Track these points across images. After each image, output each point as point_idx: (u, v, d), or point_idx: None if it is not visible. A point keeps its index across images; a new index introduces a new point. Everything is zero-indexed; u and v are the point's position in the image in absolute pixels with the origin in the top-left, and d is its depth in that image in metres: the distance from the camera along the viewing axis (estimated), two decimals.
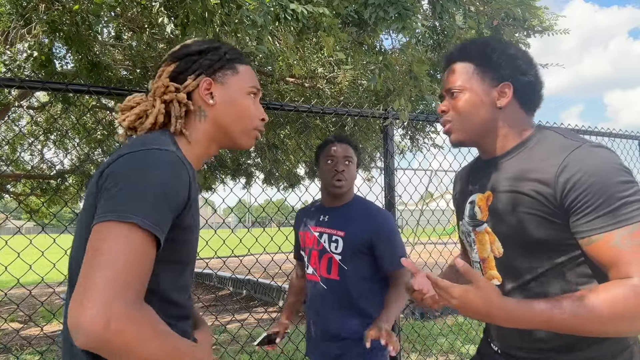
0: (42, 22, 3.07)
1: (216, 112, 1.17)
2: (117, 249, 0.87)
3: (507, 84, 1.23)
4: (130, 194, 0.92)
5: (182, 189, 1.00)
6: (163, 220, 0.94)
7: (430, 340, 5.48)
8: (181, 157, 1.03)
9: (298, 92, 5.01)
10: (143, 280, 0.91)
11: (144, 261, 0.91)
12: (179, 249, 1.06)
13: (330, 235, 2.05)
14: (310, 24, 1.62)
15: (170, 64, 1.17)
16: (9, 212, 11.60)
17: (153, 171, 0.96)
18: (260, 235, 3.17)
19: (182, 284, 1.11)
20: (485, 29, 2.37)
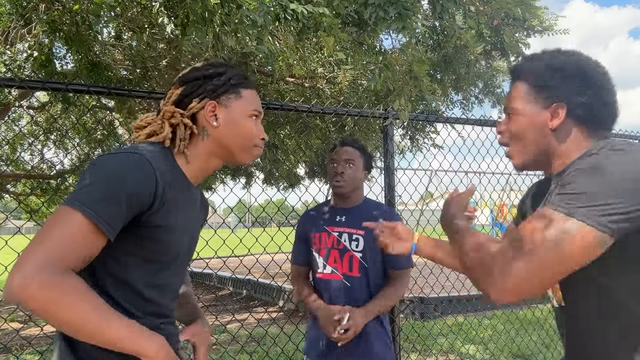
0: (42, 22, 3.07)
1: (219, 133, 1.27)
2: (56, 227, 1.01)
3: (560, 104, 1.18)
4: (86, 185, 1.06)
5: (145, 189, 1.11)
6: (111, 213, 1.05)
7: (430, 340, 5.48)
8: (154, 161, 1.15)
9: (298, 92, 5.01)
10: (76, 256, 1.02)
11: (79, 242, 1.02)
12: (150, 247, 1.17)
13: (351, 234, 2.19)
14: (310, 24, 1.62)
15: (178, 87, 1.29)
16: (9, 212, 11.59)
17: (114, 169, 1.09)
18: (260, 235, 3.17)
19: (157, 283, 1.22)
20: (485, 28, 2.37)
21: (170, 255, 1.23)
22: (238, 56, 3.59)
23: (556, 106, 1.19)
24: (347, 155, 2.20)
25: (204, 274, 11.64)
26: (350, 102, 4.52)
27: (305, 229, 2.31)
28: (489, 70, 4.03)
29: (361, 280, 2.15)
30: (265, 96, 4.83)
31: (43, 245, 0.99)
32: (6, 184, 7.36)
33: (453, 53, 3.04)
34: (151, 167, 1.12)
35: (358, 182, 2.24)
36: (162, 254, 1.21)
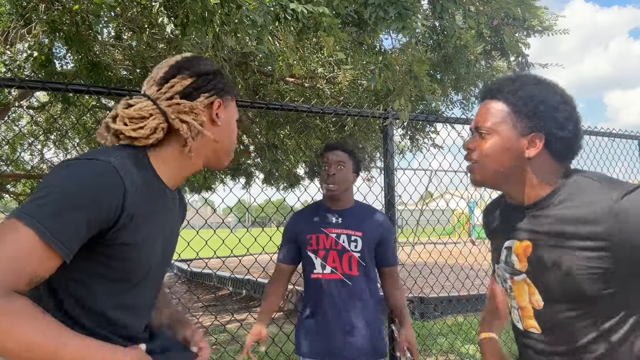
0: (42, 22, 3.07)
1: (216, 133, 1.20)
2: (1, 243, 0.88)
3: (539, 135, 1.17)
4: (40, 197, 0.93)
5: (109, 202, 0.98)
6: (66, 230, 0.92)
7: (430, 340, 5.48)
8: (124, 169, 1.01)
9: (298, 92, 5.01)
10: (21, 277, 0.89)
11: (25, 261, 0.89)
12: (116, 266, 1.04)
13: (349, 235, 2.28)
14: (310, 23, 1.62)
15: (186, 78, 1.16)
16: (8, 212, 11.59)
17: (73, 179, 0.95)
18: (259, 235, 3.17)
19: (125, 303, 1.10)
20: (485, 28, 2.37)
21: (140, 273, 1.10)
22: (238, 56, 3.59)
23: (534, 136, 1.18)
24: (338, 158, 2.28)
25: (203, 273, 11.64)
26: (350, 102, 4.51)
27: (295, 230, 2.36)
28: (489, 70, 4.03)
29: (360, 278, 2.26)
30: (265, 96, 4.83)
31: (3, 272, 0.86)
32: (6, 184, 7.35)
33: (453, 53, 3.04)
34: (118, 175, 0.99)
35: (349, 183, 2.32)
36: (131, 273, 1.08)
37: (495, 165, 1.22)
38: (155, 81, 1.16)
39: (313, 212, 2.38)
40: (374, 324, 2.27)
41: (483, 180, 1.27)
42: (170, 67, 1.17)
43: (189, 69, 1.17)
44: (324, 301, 2.25)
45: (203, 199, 9.94)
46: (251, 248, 3.25)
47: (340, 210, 2.34)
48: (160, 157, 1.14)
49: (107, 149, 1.09)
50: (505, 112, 1.21)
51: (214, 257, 4.19)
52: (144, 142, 1.11)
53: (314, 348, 2.25)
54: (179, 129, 1.11)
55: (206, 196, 8.95)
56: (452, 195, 4.50)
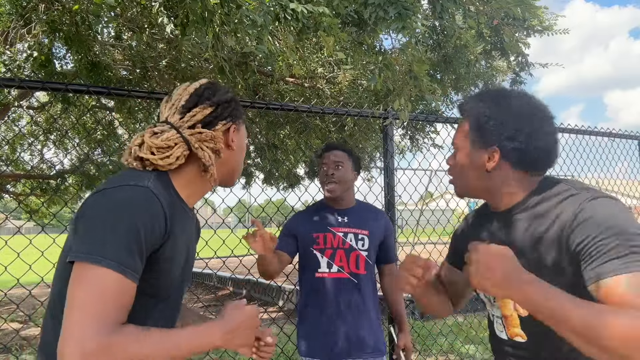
0: (41, 22, 3.07)
1: (231, 156, 1.28)
2: (90, 292, 0.96)
3: (495, 148, 1.23)
4: (100, 231, 1.00)
5: (157, 224, 1.06)
6: (134, 259, 1.01)
7: (430, 340, 5.48)
8: (157, 192, 1.08)
9: (298, 92, 5.01)
10: (120, 311, 0.99)
11: (117, 298, 0.98)
12: (151, 281, 1.10)
13: (357, 234, 2.31)
14: (310, 23, 1.62)
15: (207, 107, 1.22)
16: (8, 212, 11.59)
17: (127, 210, 1.02)
18: None
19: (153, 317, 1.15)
20: (485, 28, 2.37)
21: (169, 288, 1.19)
22: (238, 56, 3.59)
23: (491, 150, 1.23)
24: (336, 158, 2.32)
25: (203, 273, 11.65)
26: (350, 102, 4.51)
27: (298, 228, 2.35)
28: (489, 70, 4.03)
29: (367, 277, 2.30)
30: (265, 96, 4.83)
31: (86, 311, 0.95)
32: (6, 184, 7.35)
33: (453, 53, 3.03)
34: (159, 201, 1.07)
35: (349, 183, 2.34)
36: (163, 287, 1.16)
37: (464, 180, 1.30)
38: (177, 109, 1.22)
39: (317, 212, 2.38)
40: (376, 322, 2.31)
41: (462, 193, 1.35)
42: (191, 96, 1.23)
43: (210, 98, 1.24)
44: (328, 300, 2.25)
45: (203, 199, 9.95)
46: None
47: (344, 209, 2.37)
48: (181, 179, 1.21)
49: (134, 172, 1.15)
50: (466, 129, 1.29)
51: (214, 257, 4.19)
52: (168, 168, 1.18)
53: (320, 348, 2.23)
54: (202, 157, 1.18)
55: (206, 196, 8.95)
56: (452, 195, 4.49)
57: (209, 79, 1.31)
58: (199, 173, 1.22)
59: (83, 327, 0.93)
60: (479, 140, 1.25)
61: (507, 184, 1.25)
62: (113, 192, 1.05)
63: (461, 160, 1.29)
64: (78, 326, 0.93)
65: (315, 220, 2.34)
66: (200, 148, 1.19)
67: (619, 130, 4.34)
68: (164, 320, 1.20)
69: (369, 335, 2.26)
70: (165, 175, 1.17)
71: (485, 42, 2.71)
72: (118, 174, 1.15)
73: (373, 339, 2.27)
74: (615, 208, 1.08)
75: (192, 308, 1.51)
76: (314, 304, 2.28)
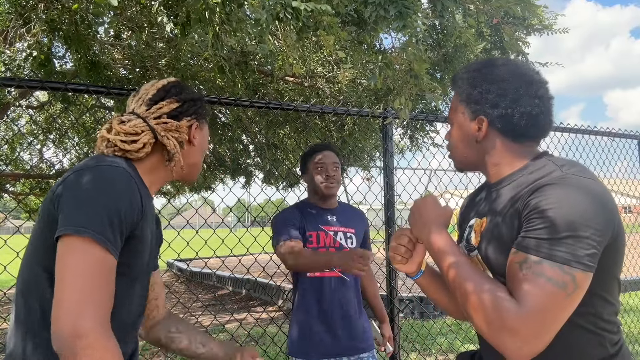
0: (41, 21, 3.06)
1: (191, 151, 1.36)
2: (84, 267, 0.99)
3: (481, 117, 1.23)
4: (88, 209, 1.03)
5: (135, 203, 1.10)
6: (116, 237, 1.05)
7: (430, 340, 5.48)
8: (131, 174, 1.14)
9: (297, 92, 5.00)
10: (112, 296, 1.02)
11: (108, 277, 1.02)
12: (131, 260, 1.15)
13: (345, 233, 2.38)
14: (311, 22, 1.61)
15: (174, 102, 1.31)
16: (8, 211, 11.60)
17: (106, 187, 1.07)
18: (259, 235, 3.16)
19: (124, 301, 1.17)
20: (484, 27, 2.37)
21: (143, 267, 1.23)
22: (237, 55, 3.58)
23: (479, 119, 1.24)
24: (333, 159, 2.40)
25: (202, 273, 11.65)
26: (349, 102, 4.51)
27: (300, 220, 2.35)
28: None
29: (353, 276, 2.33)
30: (264, 95, 4.82)
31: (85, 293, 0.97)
32: (5, 183, 7.34)
33: (453, 52, 3.03)
34: (134, 180, 1.12)
35: (340, 183, 2.44)
36: (137, 267, 1.19)
37: (460, 153, 1.32)
38: (144, 102, 1.30)
39: (306, 210, 2.40)
40: (364, 318, 2.39)
41: (460, 167, 1.36)
42: (159, 91, 1.32)
43: (176, 94, 1.33)
44: (322, 299, 2.26)
45: (202, 199, 9.94)
46: (251, 248, 3.24)
47: (331, 209, 2.44)
48: (144, 167, 1.27)
49: (105, 156, 1.19)
50: (457, 101, 1.30)
51: (213, 257, 4.19)
52: (135, 156, 1.24)
53: (314, 348, 2.23)
54: (167, 145, 1.26)
55: (206, 196, 8.95)
56: (452, 195, 4.49)
57: (177, 79, 1.40)
58: (162, 162, 1.29)
59: (77, 305, 0.96)
60: (468, 111, 1.26)
61: (497, 154, 1.24)
62: (93, 170, 1.09)
63: (454, 133, 1.31)
64: (70, 304, 0.96)
65: (307, 218, 2.37)
66: (166, 137, 1.26)
67: (618, 129, 4.34)
68: (139, 301, 1.25)
69: (361, 332, 2.32)
70: (130, 163, 1.23)
71: (485, 41, 2.71)
72: (92, 157, 1.19)
73: (364, 336, 2.34)
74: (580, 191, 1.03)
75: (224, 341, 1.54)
76: (306, 304, 2.29)
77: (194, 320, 7.02)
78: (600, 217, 1.01)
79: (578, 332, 1.05)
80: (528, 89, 1.20)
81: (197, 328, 1.55)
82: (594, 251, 0.99)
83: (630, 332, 5.48)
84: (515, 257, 1.04)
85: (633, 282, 8.44)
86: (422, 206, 1.26)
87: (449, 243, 1.17)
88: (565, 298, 0.97)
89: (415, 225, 1.27)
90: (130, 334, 1.23)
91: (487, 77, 1.23)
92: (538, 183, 1.07)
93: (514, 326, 0.96)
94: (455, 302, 1.39)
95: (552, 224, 0.99)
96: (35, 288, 1.08)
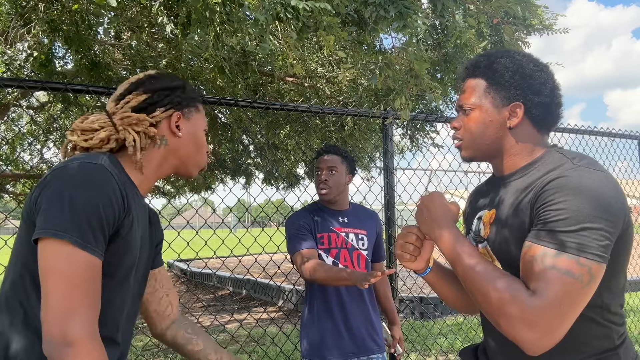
0: (41, 21, 3.07)
1: (179, 143, 1.28)
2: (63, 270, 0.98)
3: (518, 104, 1.21)
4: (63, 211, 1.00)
5: (114, 198, 1.06)
6: (97, 236, 1.02)
7: (430, 340, 5.48)
8: (111, 169, 1.10)
9: (298, 92, 5.01)
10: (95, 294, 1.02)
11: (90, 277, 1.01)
12: (117, 260, 1.11)
13: (357, 234, 2.37)
14: (311, 22, 1.61)
15: (141, 94, 1.24)
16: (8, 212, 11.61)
17: (81, 185, 1.03)
18: (259, 235, 3.16)
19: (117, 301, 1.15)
20: (485, 27, 2.37)
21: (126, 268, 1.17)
22: (238, 56, 3.58)
23: (514, 105, 1.22)
24: (330, 163, 2.36)
25: (203, 273, 11.65)
26: (350, 102, 4.51)
27: (310, 224, 2.35)
28: None
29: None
30: (265, 96, 4.82)
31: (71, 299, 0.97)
32: (6, 183, 7.35)
33: (453, 52, 3.03)
34: (113, 177, 1.08)
35: (342, 187, 2.39)
36: (121, 266, 1.15)
37: (480, 139, 1.27)
38: (115, 97, 1.26)
39: (317, 212, 2.40)
40: (377, 319, 2.38)
41: (472, 156, 1.32)
42: (130, 84, 1.27)
43: (147, 85, 1.26)
44: (335, 300, 2.26)
45: (203, 199, 9.95)
46: (251, 248, 3.24)
47: (341, 210, 2.42)
48: (132, 165, 1.22)
49: (84, 154, 1.16)
50: (484, 86, 1.26)
51: (213, 257, 4.19)
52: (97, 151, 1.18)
53: (329, 349, 2.22)
54: (126, 139, 1.19)
55: (206, 196, 8.95)
56: (452, 195, 4.48)
57: (158, 70, 1.33)
58: (151, 158, 1.24)
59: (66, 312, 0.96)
60: (501, 96, 1.23)
61: (522, 143, 1.23)
62: (69, 169, 1.06)
63: (479, 119, 1.26)
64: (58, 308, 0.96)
65: (318, 220, 2.36)
66: (125, 130, 1.19)
67: (618, 130, 4.34)
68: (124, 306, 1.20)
69: (374, 333, 2.32)
70: (115, 159, 1.18)
71: (486, 41, 2.71)
72: (74, 156, 1.16)
73: (377, 336, 2.34)
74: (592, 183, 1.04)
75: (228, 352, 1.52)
76: (321, 304, 2.27)
77: (194, 321, 7.03)
78: (612, 209, 1.02)
79: (585, 323, 1.06)
80: (556, 82, 1.23)
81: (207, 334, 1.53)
82: (608, 242, 1.01)
83: (631, 332, 5.48)
84: (530, 250, 1.05)
85: (633, 282, 8.43)
86: (429, 203, 1.24)
87: (460, 238, 1.16)
88: (582, 289, 0.99)
89: (424, 222, 1.25)
90: (122, 332, 1.19)
91: (525, 64, 1.23)
92: (550, 175, 1.08)
93: (533, 318, 0.98)
94: (464, 297, 1.38)
95: (566, 217, 1.01)
96: (20, 289, 1.06)
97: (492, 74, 1.25)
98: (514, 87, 1.22)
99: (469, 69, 1.31)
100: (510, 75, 1.22)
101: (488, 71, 1.26)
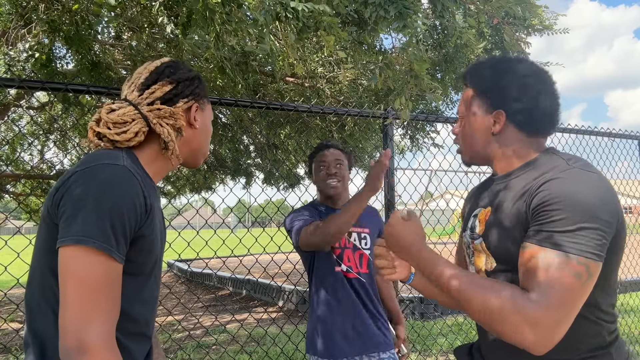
0: (42, 22, 3.07)
1: (194, 135, 1.27)
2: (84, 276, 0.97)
3: (500, 111, 1.25)
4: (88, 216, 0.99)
5: (138, 202, 1.05)
6: (119, 241, 1.01)
7: (430, 340, 5.48)
8: (134, 170, 1.08)
9: (298, 92, 5.01)
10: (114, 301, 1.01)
11: (116, 285, 1.01)
12: (136, 259, 1.09)
13: (359, 233, 2.32)
14: (311, 23, 1.61)
15: (166, 84, 1.22)
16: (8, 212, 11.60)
17: (106, 190, 1.01)
18: (260, 236, 3.16)
19: (143, 298, 1.16)
20: (485, 27, 2.37)
21: (151, 263, 1.17)
22: (238, 56, 3.59)
23: (497, 112, 1.26)
24: (336, 156, 2.32)
25: (203, 274, 11.64)
26: (350, 102, 4.51)
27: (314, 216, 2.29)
28: None
29: (370, 276, 2.30)
30: (265, 96, 4.83)
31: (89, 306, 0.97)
32: (6, 184, 7.35)
33: (453, 52, 3.03)
34: (136, 179, 1.06)
35: (347, 181, 2.37)
36: (148, 265, 1.15)
37: (472, 145, 1.33)
38: (136, 86, 1.21)
39: (319, 210, 2.34)
40: (383, 318, 2.35)
41: (470, 160, 1.38)
42: (151, 74, 1.22)
43: (170, 75, 1.23)
44: (340, 298, 2.24)
45: (203, 199, 9.95)
46: (252, 248, 3.24)
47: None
48: (145, 157, 1.20)
49: (105, 151, 1.13)
50: (471, 95, 1.32)
51: (214, 257, 4.20)
52: (126, 145, 1.16)
53: (337, 348, 2.21)
54: (161, 134, 1.18)
55: (206, 196, 8.95)
56: (452, 195, 4.49)
57: (171, 58, 1.30)
58: (161, 151, 1.21)
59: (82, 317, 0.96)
60: (486, 103, 1.28)
61: (511, 148, 1.27)
62: (92, 171, 1.03)
63: (467, 126, 1.33)
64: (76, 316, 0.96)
65: (321, 218, 2.28)
66: (159, 124, 1.18)
67: (619, 130, 4.34)
68: (152, 301, 1.20)
69: (380, 331, 2.30)
70: (132, 154, 1.16)
71: (486, 41, 2.71)
72: (91, 154, 1.12)
73: (384, 335, 2.32)
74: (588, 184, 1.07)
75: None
76: (327, 302, 2.25)
77: (194, 321, 7.03)
78: (607, 209, 1.05)
79: (577, 321, 1.07)
80: (546, 87, 1.25)
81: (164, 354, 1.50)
82: (604, 241, 1.03)
83: (631, 332, 5.47)
84: (529, 252, 1.06)
85: (633, 282, 8.43)
86: (393, 231, 1.27)
87: (436, 258, 1.19)
88: (581, 287, 1.01)
89: (397, 251, 1.29)
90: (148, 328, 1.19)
91: (508, 72, 1.27)
92: (546, 177, 1.11)
93: (535, 319, 0.99)
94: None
95: (563, 217, 1.03)
96: (49, 292, 1.06)
97: (477, 83, 1.31)
98: (495, 95, 1.26)
99: (464, 78, 1.37)
100: (491, 83, 1.28)
101: (475, 79, 1.32)
